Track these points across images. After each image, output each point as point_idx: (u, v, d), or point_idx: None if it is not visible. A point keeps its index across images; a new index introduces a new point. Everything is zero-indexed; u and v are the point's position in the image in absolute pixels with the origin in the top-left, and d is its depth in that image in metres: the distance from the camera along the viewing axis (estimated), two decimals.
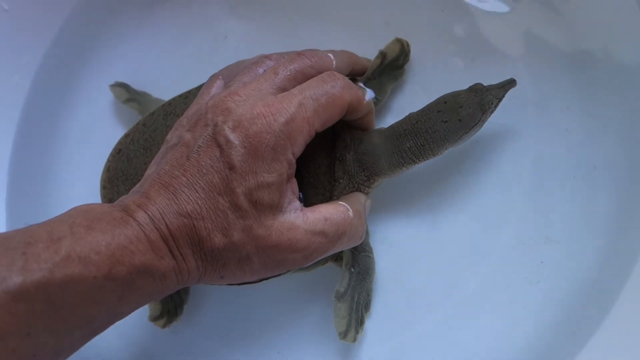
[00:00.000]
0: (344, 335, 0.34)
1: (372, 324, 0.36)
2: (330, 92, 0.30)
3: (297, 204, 0.30)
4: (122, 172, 0.38)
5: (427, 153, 0.33)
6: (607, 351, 0.31)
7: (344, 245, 0.32)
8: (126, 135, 0.39)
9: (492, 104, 0.33)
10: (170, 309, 0.38)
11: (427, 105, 0.34)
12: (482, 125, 0.34)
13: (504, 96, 0.34)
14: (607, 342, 0.32)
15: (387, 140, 0.33)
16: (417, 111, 0.34)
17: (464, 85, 0.34)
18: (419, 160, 0.34)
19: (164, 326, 0.38)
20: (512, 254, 0.36)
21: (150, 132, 0.38)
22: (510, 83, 0.34)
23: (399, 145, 0.33)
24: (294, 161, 0.29)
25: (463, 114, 0.33)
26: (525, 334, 0.34)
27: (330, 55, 0.34)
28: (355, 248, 0.35)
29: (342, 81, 0.31)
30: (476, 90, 0.33)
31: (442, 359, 0.35)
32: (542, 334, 0.34)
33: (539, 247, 0.35)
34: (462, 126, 0.33)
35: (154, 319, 0.38)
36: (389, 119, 0.38)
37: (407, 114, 0.34)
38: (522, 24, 0.37)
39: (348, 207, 0.32)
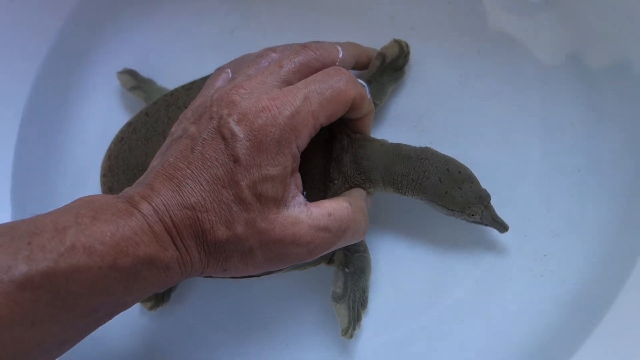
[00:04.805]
0: (345, 331, 0.35)
1: (372, 318, 0.37)
2: (336, 85, 0.30)
3: (301, 198, 0.30)
4: (123, 161, 0.38)
5: (411, 189, 0.33)
6: (608, 346, 0.32)
7: (348, 241, 0.32)
8: (129, 124, 0.39)
9: (473, 215, 0.32)
10: (158, 293, 0.39)
11: (446, 156, 0.33)
12: (458, 218, 0.33)
13: (486, 225, 0.33)
14: (608, 336, 0.32)
15: (387, 155, 0.33)
16: (435, 151, 0.33)
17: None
18: (404, 191, 0.33)
19: (150, 309, 0.39)
20: (516, 246, 0.36)
21: (152, 123, 0.38)
22: (500, 228, 0.33)
23: (396, 164, 0.33)
24: (298, 155, 0.29)
25: (451, 194, 0.32)
26: (528, 327, 0.35)
27: (337, 46, 0.34)
28: (348, 249, 0.35)
29: (348, 76, 0.31)
30: (481, 197, 0.32)
31: (444, 352, 0.36)
32: (545, 327, 0.34)
33: (542, 240, 0.35)
34: (442, 199, 0.32)
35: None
36: (386, 121, 0.38)
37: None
38: (529, 20, 0.37)
39: (351, 202, 0.32)
